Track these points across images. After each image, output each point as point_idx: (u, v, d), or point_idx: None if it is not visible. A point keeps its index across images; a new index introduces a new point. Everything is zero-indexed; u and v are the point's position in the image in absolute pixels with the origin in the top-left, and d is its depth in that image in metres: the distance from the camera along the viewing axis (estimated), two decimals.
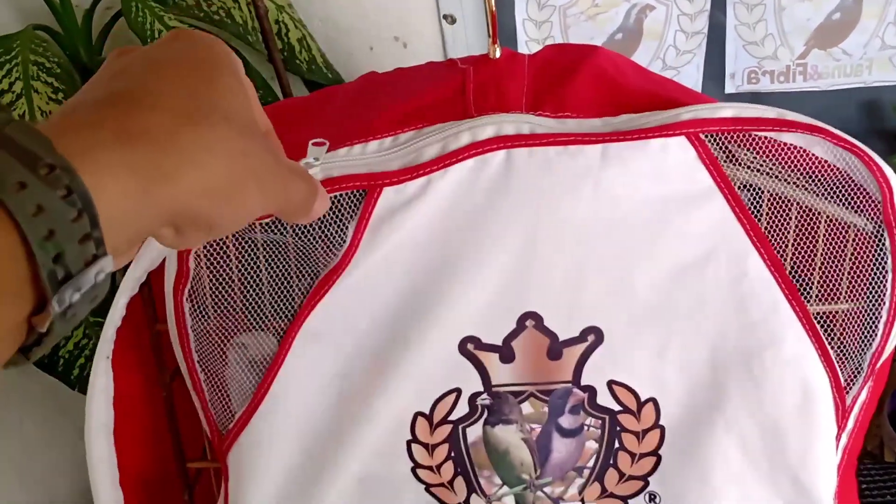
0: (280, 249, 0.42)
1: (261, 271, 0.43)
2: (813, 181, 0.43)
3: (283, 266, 0.43)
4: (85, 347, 0.76)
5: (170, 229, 0.27)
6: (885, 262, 0.43)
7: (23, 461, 0.89)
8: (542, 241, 0.42)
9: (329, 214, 0.42)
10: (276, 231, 0.42)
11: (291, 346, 0.43)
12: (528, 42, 0.92)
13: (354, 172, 0.41)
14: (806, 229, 0.43)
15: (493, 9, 0.46)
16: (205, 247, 0.42)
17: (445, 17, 0.91)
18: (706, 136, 0.42)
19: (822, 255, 0.43)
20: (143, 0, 0.72)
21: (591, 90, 0.45)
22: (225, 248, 0.42)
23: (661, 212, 0.42)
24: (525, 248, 0.42)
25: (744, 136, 0.42)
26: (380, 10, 0.93)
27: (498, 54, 0.46)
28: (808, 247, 0.43)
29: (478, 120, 0.42)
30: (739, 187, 0.43)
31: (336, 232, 0.42)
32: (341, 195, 0.42)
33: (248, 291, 0.43)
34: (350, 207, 0.42)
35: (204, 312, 0.43)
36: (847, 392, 0.44)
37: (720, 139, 0.42)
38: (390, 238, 0.42)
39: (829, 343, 0.43)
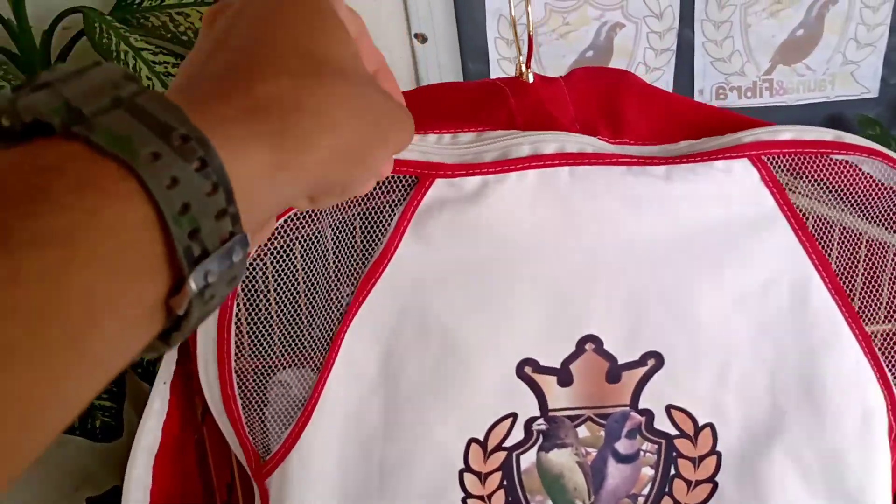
0: (319, 272, 0.39)
1: (300, 303, 0.39)
2: (865, 202, 0.43)
3: (324, 289, 0.40)
4: None
5: (303, 200, 0.27)
6: None
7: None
8: (603, 262, 0.40)
9: (376, 199, 0.39)
10: (315, 241, 0.39)
11: (339, 351, 0.40)
12: (500, 60, 0.90)
13: (408, 158, 0.38)
14: (866, 253, 0.43)
15: (531, 32, 0.44)
16: (242, 282, 0.39)
17: (416, 35, 0.88)
18: (768, 159, 0.41)
19: (890, 276, 0.43)
20: (107, 21, 0.67)
21: (643, 116, 0.44)
22: (265, 279, 0.39)
23: (725, 235, 0.41)
24: (586, 268, 0.40)
25: (801, 157, 0.41)
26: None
27: (531, 79, 0.44)
28: (873, 269, 0.43)
29: (541, 134, 0.40)
30: (801, 213, 0.42)
31: (381, 219, 0.39)
32: (392, 179, 0.39)
33: (287, 325, 0.40)
34: (400, 193, 0.39)
35: (241, 349, 0.39)
36: None
37: (782, 161, 0.41)
38: (440, 234, 0.39)
39: (888, 366, 0.43)
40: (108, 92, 0.21)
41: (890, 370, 0.43)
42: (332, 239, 0.40)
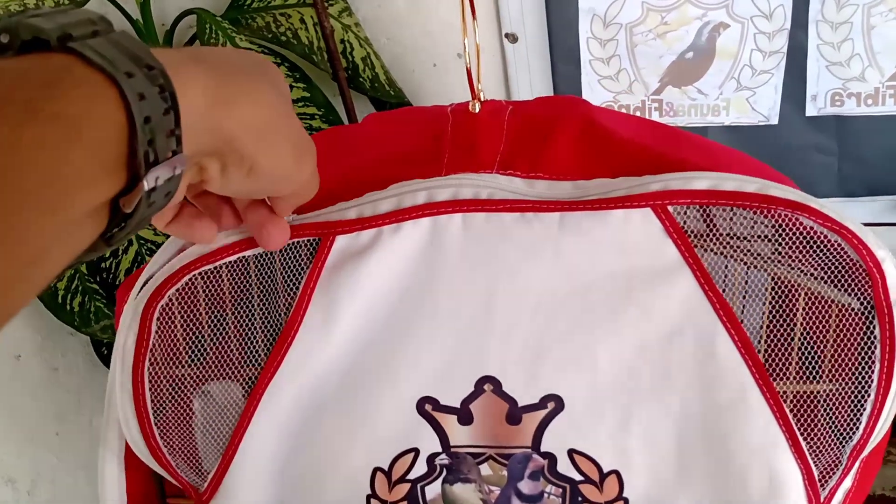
0: (246, 298, 0.44)
1: (228, 319, 0.44)
2: (800, 253, 0.40)
3: (249, 315, 0.44)
4: None
5: (216, 163, 0.31)
6: (874, 349, 0.39)
7: (92, 458, 0.97)
8: (499, 308, 0.41)
9: (286, 262, 0.43)
10: (242, 277, 0.44)
11: (260, 401, 0.44)
12: (592, 61, 0.89)
13: (307, 222, 0.42)
14: (784, 305, 0.40)
15: (469, 64, 0.45)
16: (177, 291, 0.44)
17: (507, 35, 0.90)
18: (675, 210, 0.40)
19: (800, 332, 0.40)
20: (216, 22, 0.76)
21: (570, 149, 0.44)
22: (195, 295, 0.44)
23: (624, 285, 0.40)
24: (482, 314, 0.42)
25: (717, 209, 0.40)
26: (444, 27, 0.93)
27: (478, 109, 0.45)
28: (786, 323, 0.40)
29: (437, 181, 0.42)
30: (710, 261, 0.40)
31: (292, 279, 0.43)
32: (294, 244, 0.42)
33: (217, 338, 0.44)
34: (304, 256, 0.43)
35: (178, 360, 0.45)
36: (822, 486, 0.40)
37: (693, 210, 0.40)
38: (344, 291, 0.42)
39: (802, 433, 0.40)
40: (89, 26, 0.26)
41: (805, 438, 0.40)
42: (257, 285, 0.44)
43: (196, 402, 0.45)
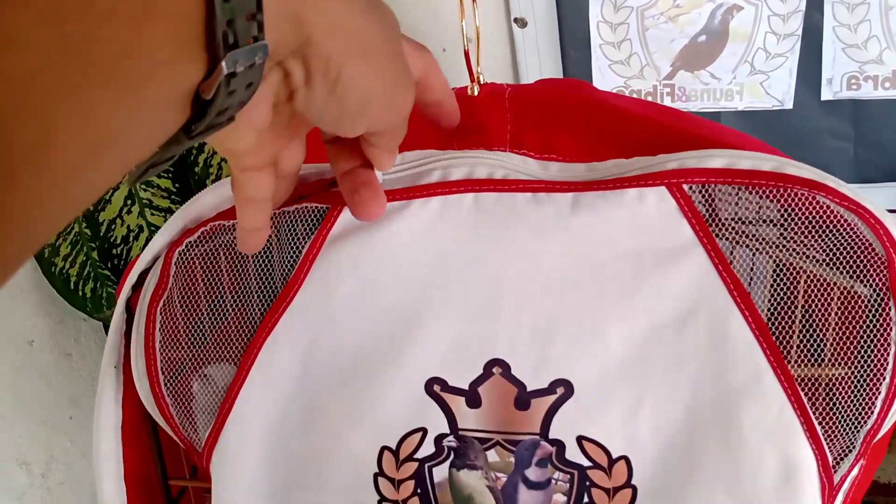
0: (242, 274, 0.44)
1: (226, 298, 0.44)
2: (810, 235, 0.39)
3: (245, 291, 0.44)
4: None
5: (300, 67, 0.28)
6: (889, 332, 0.38)
7: None
8: (508, 289, 0.41)
9: (288, 229, 0.42)
10: (237, 255, 0.44)
11: (251, 368, 0.43)
12: (603, 45, 0.88)
13: (320, 192, 0.41)
14: (789, 289, 0.39)
15: (467, 47, 0.45)
16: (177, 268, 0.44)
17: (516, 20, 0.89)
18: (690, 188, 0.39)
19: (804, 316, 0.39)
20: None
21: (581, 130, 0.43)
22: (193, 273, 0.44)
23: (636, 266, 0.40)
24: (492, 295, 0.41)
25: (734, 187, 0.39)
26: (454, 12, 0.92)
27: (476, 92, 0.45)
28: (792, 308, 0.39)
29: (453, 159, 0.41)
30: (725, 243, 0.39)
31: (294, 245, 0.42)
32: (304, 208, 0.42)
33: (216, 320, 0.44)
34: (311, 222, 0.42)
35: (177, 342, 0.45)
36: (835, 471, 0.40)
37: (709, 189, 0.39)
38: (347, 262, 0.41)
39: (817, 417, 0.39)
40: None
41: (820, 423, 0.39)
42: (253, 257, 0.44)
43: (196, 384, 0.45)
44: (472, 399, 0.43)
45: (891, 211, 0.92)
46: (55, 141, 0.20)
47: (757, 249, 0.39)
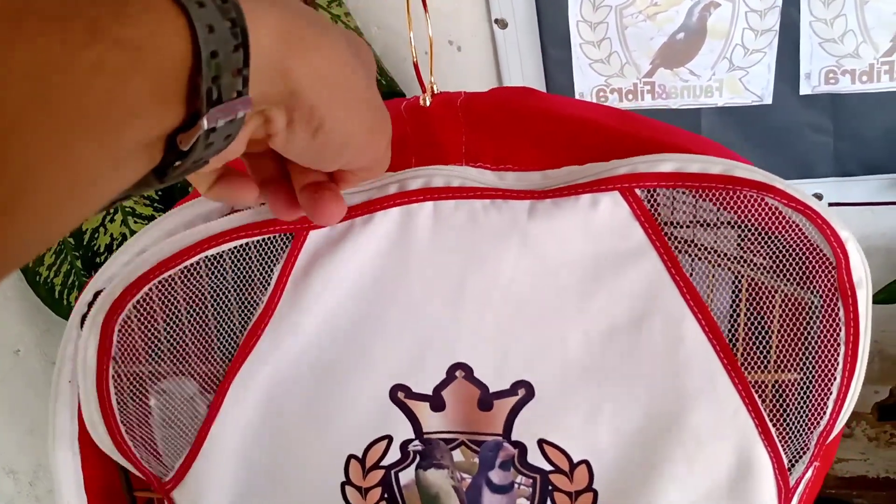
0: (219, 294, 0.44)
1: (207, 312, 0.44)
2: (762, 239, 0.39)
3: (218, 310, 0.44)
4: None
5: (282, 115, 0.28)
6: (838, 334, 0.38)
7: None
8: (469, 295, 0.41)
9: (257, 258, 0.43)
10: (217, 275, 0.44)
11: (227, 393, 0.44)
12: (583, 44, 0.89)
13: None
14: (742, 296, 0.40)
15: (415, 58, 0.45)
16: (137, 303, 0.44)
17: (497, 21, 0.90)
18: (643, 192, 0.40)
19: (773, 324, 0.40)
20: None
21: (535, 139, 0.43)
22: (150, 298, 0.44)
23: (593, 270, 0.40)
24: (453, 301, 0.42)
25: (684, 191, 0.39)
26: (435, 14, 0.92)
27: (429, 103, 0.45)
28: (743, 314, 0.40)
29: (408, 172, 0.42)
30: (677, 246, 0.40)
31: (263, 276, 0.43)
32: (269, 238, 0.43)
33: (176, 337, 0.44)
34: (277, 251, 0.43)
35: (135, 356, 0.44)
36: (791, 472, 0.40)
37: (660, 193, 0.40)
38: (317, 283, 0.42)
39: (772, 420, 0.40)
40: None
41: (775, 425, 0.40)
42: (232, 289, 0.44)
43: (153, 399, 0.45)
44: (437, 403, 0.43)
45: (871, 203, 0.92)
46: (33, 186, 0.20)
47: (706, 254, 0.40)
